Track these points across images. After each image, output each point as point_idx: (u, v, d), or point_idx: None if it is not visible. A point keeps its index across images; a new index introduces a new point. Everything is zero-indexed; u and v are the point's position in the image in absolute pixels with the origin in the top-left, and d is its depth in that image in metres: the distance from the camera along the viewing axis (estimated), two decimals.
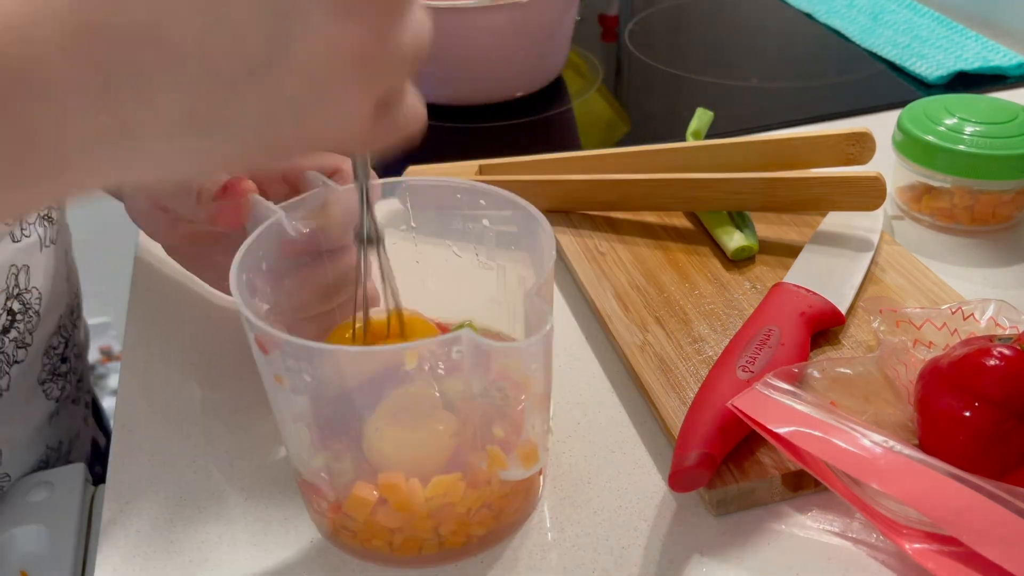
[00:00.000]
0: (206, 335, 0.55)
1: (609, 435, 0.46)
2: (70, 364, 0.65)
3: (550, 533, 0.42)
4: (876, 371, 0.45)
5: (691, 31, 1.06)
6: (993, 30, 0.91)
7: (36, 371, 0.59)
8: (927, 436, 0.41)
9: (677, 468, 0.40)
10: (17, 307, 0.56)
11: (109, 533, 0.43)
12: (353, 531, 0.39)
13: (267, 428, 0.48)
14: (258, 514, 0.43)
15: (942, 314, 0.47)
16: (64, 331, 0.63)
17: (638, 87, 0.92)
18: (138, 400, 0.51)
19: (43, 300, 0.59)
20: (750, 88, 0.88)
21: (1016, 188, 0.59)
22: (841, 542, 0.40)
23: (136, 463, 0.47)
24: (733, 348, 0.46)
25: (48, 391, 0.61)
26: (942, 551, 0.37)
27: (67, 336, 0.64)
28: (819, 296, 0.50)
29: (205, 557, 0.41)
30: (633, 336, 0.51)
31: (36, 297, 0.58)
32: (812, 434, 0.39)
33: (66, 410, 0.64)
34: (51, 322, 0.61)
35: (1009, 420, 0.39)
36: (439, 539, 0.39)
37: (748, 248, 0.57)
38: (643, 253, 0.58)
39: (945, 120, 0.61)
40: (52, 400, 0.62)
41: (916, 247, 0.60)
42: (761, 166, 0.60)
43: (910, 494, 0.36)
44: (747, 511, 0.42)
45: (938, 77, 0.83)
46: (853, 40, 0.94)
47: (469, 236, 0.44)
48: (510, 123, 0.82)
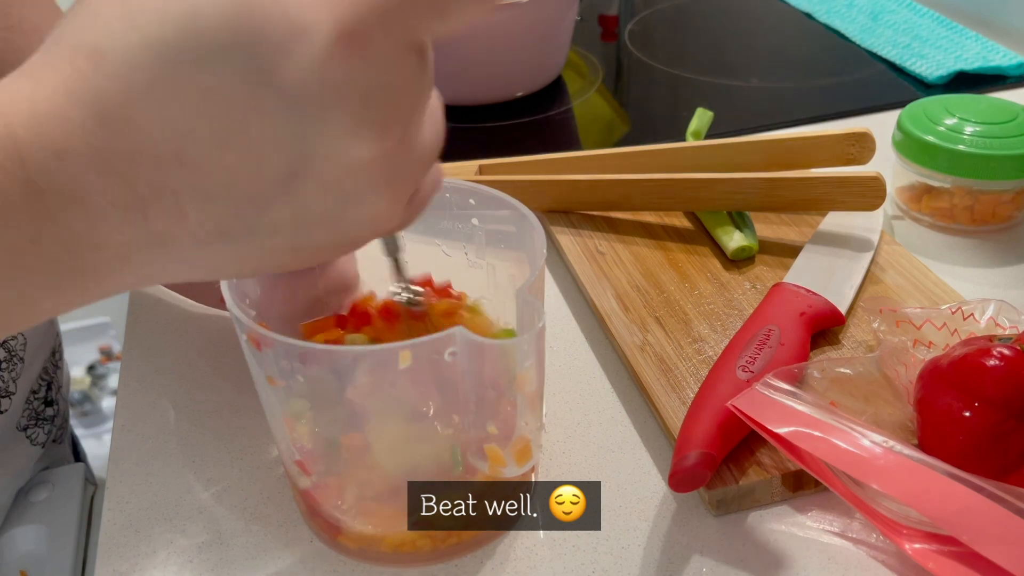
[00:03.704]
0: (206, 335, 0.55)
1: (609, 435, 0.46)
2: (57, 407, 0.64)
3: (549, 532, 0.42)
4: (876, 371, 0.45)
5: (691, 31, 1.06)
6: (993, 30, 0.91)
7: (16, 418, 0.59)
8: (927, 436, 0.41)
9: (677, 468, 0.40)
10: (2, 355, 0.55)
11: (109, 533, 0.43)
12: (348, 532, 0.39)
13: (266, 428, 0.48)
14: (257, 515, 0.43)
15: (942, 314, 0.47)
16: (47, 374, 0.63)
17: (638, 87, 0.92)
18: (138, 400, 0.51)
19: (28, 345, 0.58)
20: (750, 88, 0.88)
21: (1016, 188, 0.59)
22: (841, 542, 0.40)
23: (136, 463, 0.47)
24: (733, 348, 0.46)
25: (33, 436, 0.61)
26: (942, 551, 0.37)
27: (49, 379, 0.63)
28: (819, 296, 0.50)
29: (204, 557, 0.41)
30: (633, 336, 0.51)
31: (21, 344, 0.57)
32: (812, 434, 0.39)
33: (49, 455, 0.63)
34: (35, 367, 0.60)
35: (1009, 420, 0.39)
36: (434, 538, 0.39)
37: (748, 248, 0.57)
38: (643, 253, 0.58)
39: (945, 120, 0.61)
40: (38, 446, 0.61)
41: (916, 247, 0.60)
42: (761, 166, 0.60)
43: (910, 494, 0.36)
44: (747, 511, 0.42)
45: (938, 77, 0.83)
46: (853, 40, 0.94)
47: (458, 235, 0.44)
48: (510, 123, 0.82)
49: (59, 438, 0.65)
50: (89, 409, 1.67)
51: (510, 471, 0.37)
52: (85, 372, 1.73)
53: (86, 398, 1.68)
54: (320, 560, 0.41)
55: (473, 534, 0.40)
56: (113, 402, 0.53)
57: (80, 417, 1.65)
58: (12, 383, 0.57)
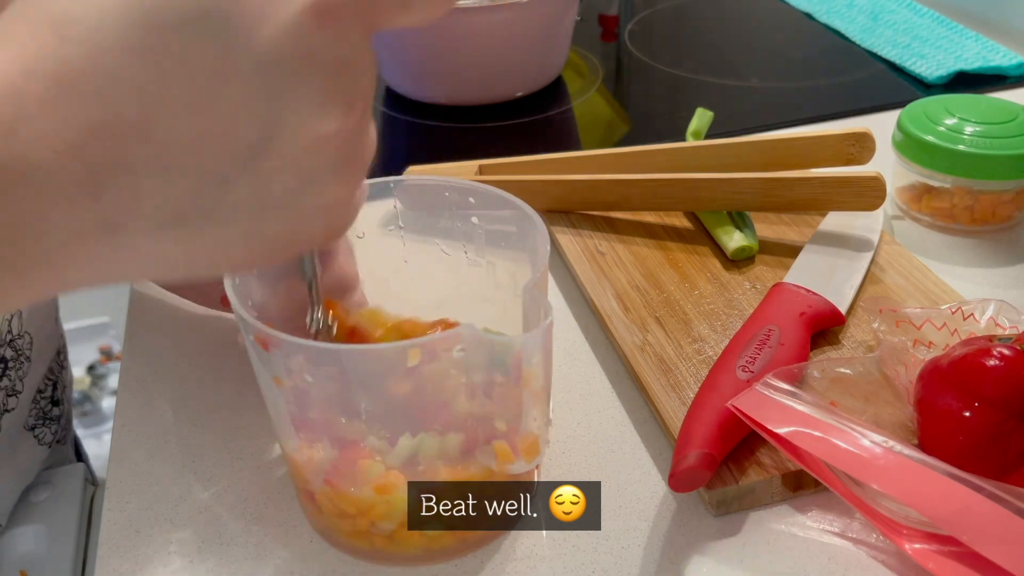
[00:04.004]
0: (206, 336, 0.55)
1: (609, 435, 0.46)
2: (62, 407, 0.64)
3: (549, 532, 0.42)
4: (876, 371, 0.45)
5: (691, 31, 1.06)
6: (993, 30, 0.91)
7: (23, 417, 0.59)
8: (927, 436, 0.41)
9: (677, 468, 0.40)
10: (9, 354, 0.55)
11: (109, 533, 0.43)
12: (349, 531, 0.39)
13: (267, 428, 0.48)
14: (257, 514, 0.43)
15: (942, 314, 0.47)
16: (52, 374, 0.63)
17: (638, 87, 0.92)
18: (138, 400, 0.51)
19: (34, 345, 0.58)
20: (750, 88, 0.88)
21: (1016, 188, 0.59)
22: (841, 542, 0.40)
23: (136, 463, 0.47)
24: (733, 348, 0.46)
25: (40, 436, 0.61)
26: (942, 551, 0.37)
27: (55, 379, 0.63)
28: (819, 296, 0.50)
29: (204, 557, 0.41)
30: (633, 336, 0.51)
31: (28, 343, 0.57)
32: (812, 434, 0.39)
33: (53, 455, 0.64)
34: (41, 367, 0.60)
35: (1009, 420, 0.39)
36: (436, 537, 0.39)
37: (748, 248, 0.57)
38: (643, 253, 0.58)
39: (945, 120, 0.61)
40: (45, 445, 0.61)
41: (916, 247, 0.60)
42: (761, 166, 0.60)
43: (910, 494, 0.36)
44: (747, 511, 0.42)
45: (938, 77, 0.83)
46: (853, 40, 0.94)
47: (458, 234, 0.44)
48: (510, 123, 0.82)
49: (63, 438, 0.65)
50: (89, 409, 1.67)
51: (518, 467, 0.37)
52: (85, 372, 1.73)
53: (86, 398, 1.68)
54: (320, 560, 0.41)
55: (473, 534, 0.40)
56: (113, 402, 0.53)
57: (80, 417, 1.65)
58: (19, 382, 0.57)
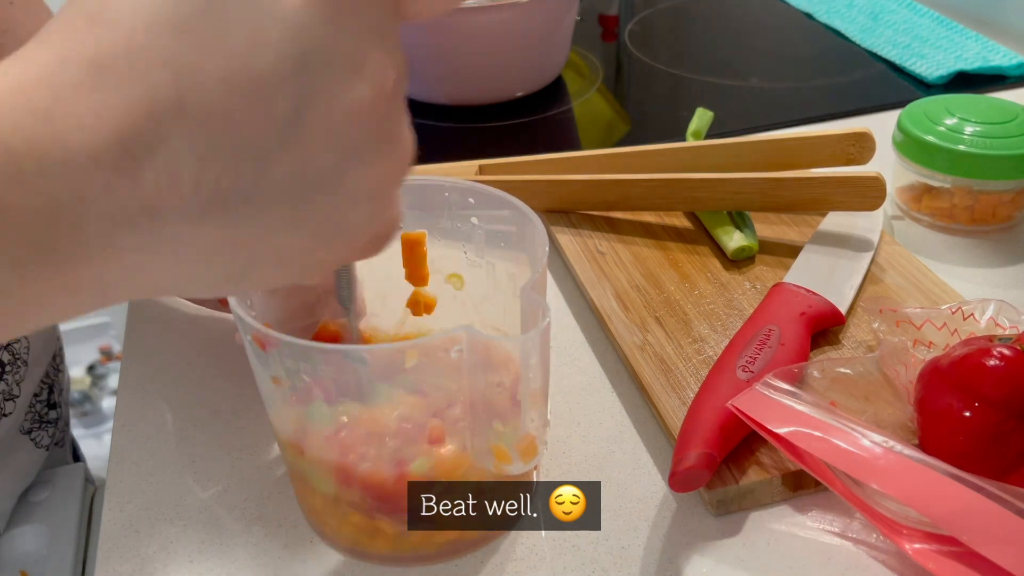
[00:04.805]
0: (205, 336, 0.55)
1: (609, 435, 0.46)
2: (59, 410, 0.64)
3: (549, 532, 0.42)
4: (876, 371, 0.45)
5: (691, 31, 1.06)
6: (993, 30, 0.91)
7: (20, 421, 0.59)
8: (927, 436, 0.41)
9: (677, 468, 0.40)
10: (7, 358, 0.55)
11: (109, 533, 0.43)
12: (349, 530, 0.39)
13: (266, 428, 0.48)
14: (257, 515, 0.43)
15: (942, 314, 0.47)
16: (49, 377, 0.62)
17: (638, 87, 0.92)
18: (138, 400, 0.51)
19: (31, 349, 0.58)
20: (750, 88, 0.88)
21: (1016, 188, 0.59)
22: (841, 542, 0.40)
23: (136, 463, 0.47)
24: (733, 348, 0.46)
25: (38, 439, 0.61)
26: (942, 551, 0.37)
27: (51, 382, 0.63)
28: (819, 296, 0.50)
29: (204, 557, 0.41)
30: (633, 336, 0.51)
31: (24, 347, 0.57)
32: (812, 434, 0.39)
33: (52, 458, 0.63)
34: (38, 371, 0.60)
35: (1009, 420, 0.39)
36: (434, 537, 0.39)
37: (748, 248, 0.57)
38: (643, 253, 0.58)
39: (945, 120, 0.61)
40: (42, 448, 0.61)
41: (916, 247, 0.60)
42: (761, 166, 0.60)
43: (910, 494, 0.36)
44: (747, 511, 0.42)
45: (938, 77, 0.83)
46: (853, 40, 0.94)
47: (457, 234, 0.44)
48: (510, 123, 0.82)
49: (61, 441, 0.65)
50: (89, 409, 1.67)
51: (516, 468, 0.37)
52: (85, 372, 1.73)
53: (86, 398, 1.68)
54: (320, 560, 0.41)
55: (473, 534, 0.40)
56: (113, 402, 0.53)
57: (80, 417, 1.65)
58: (16, 386, 0.57)
